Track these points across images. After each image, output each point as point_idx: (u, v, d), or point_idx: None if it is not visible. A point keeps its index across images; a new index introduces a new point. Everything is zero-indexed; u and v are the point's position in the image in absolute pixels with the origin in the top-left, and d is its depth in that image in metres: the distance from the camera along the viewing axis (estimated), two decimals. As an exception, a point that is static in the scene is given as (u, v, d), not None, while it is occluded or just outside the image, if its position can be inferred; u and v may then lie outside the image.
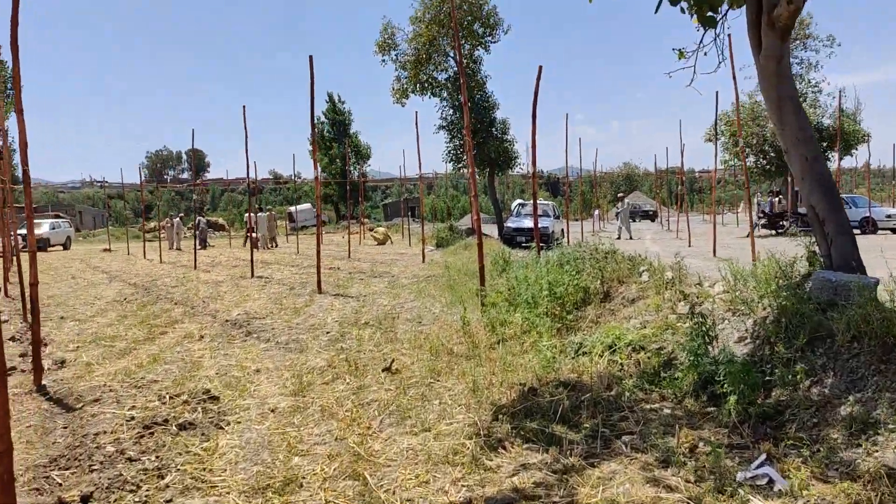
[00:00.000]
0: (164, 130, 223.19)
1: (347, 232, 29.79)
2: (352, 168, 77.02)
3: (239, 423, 5.11)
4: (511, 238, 25.56)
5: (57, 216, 63.40)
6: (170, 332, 9.58)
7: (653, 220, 62.08)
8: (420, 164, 20.20)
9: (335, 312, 10.69)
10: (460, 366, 6.34)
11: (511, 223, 26.66)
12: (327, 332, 8.87)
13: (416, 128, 19.92)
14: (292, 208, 66.13)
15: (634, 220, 62.76)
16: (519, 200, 32.09)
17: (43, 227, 46.36)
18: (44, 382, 6.55)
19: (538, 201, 31.80)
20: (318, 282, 13.50)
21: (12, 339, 9.46)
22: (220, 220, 62.17)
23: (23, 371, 7.15)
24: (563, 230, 28.07)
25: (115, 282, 18.32)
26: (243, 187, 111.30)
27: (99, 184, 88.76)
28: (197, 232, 28.48)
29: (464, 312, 7.93)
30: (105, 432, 4.87)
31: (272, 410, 5.40)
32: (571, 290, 7.05)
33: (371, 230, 44.72)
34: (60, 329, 10.34)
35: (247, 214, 44.95)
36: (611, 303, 7.07)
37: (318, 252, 13.61)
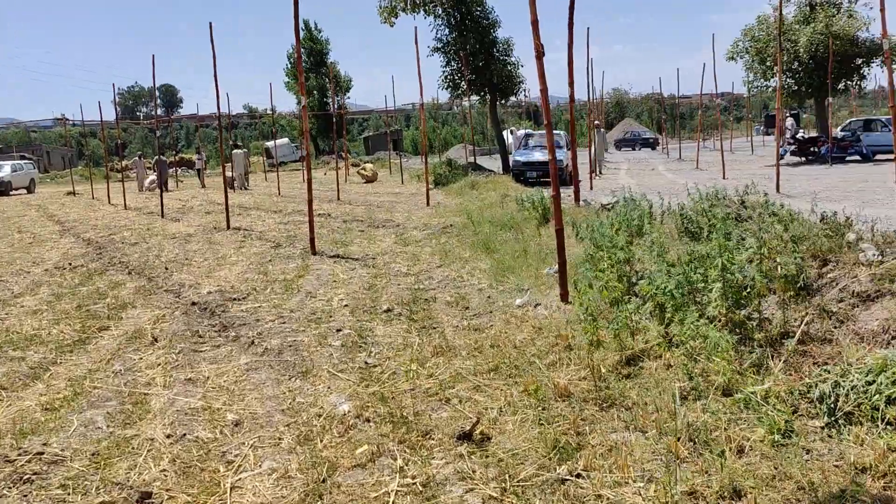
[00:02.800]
0: (135, 66, 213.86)
1: (335, 169, 26.66)
2: (329, 100, 73.16)
3: None
4: (520, 173, 22.68)
5: (23, 157, 59.55)
6: (112, 325, 6.77)
7: (653, 148, 58.99)
8: (421, 87, 17.15)
9: (341, 288, 7.89)
10: (599, 428, 3.61)
11: (519, 156, 23.69)
12: (338, 330, 6.10)
13: (416, 46, 16.75)
14: (270, 143, 62.61)
15: (634, 149, 59.72)
16: (524, 130, 28.98)
17: (4, 170, 43.02)
18: None
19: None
20: (312, 240, 10.64)
21: None
22: (193, 158, 58.18)
23: None
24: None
25: (66, 236, 15.40)
26: (217, 122, 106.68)
27: (70, 122, 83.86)
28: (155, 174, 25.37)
29: (581, 309, 4.93)
30: None
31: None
32: (759, 280, 4.31)
33: (355, 166, 41.59)
34: (-34, 318, 7.52)
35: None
36: (820, 298, 4.36)
37: (310, 203, 10.72)
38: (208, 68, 14.23)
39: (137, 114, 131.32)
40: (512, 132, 30.28)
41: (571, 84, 12.21)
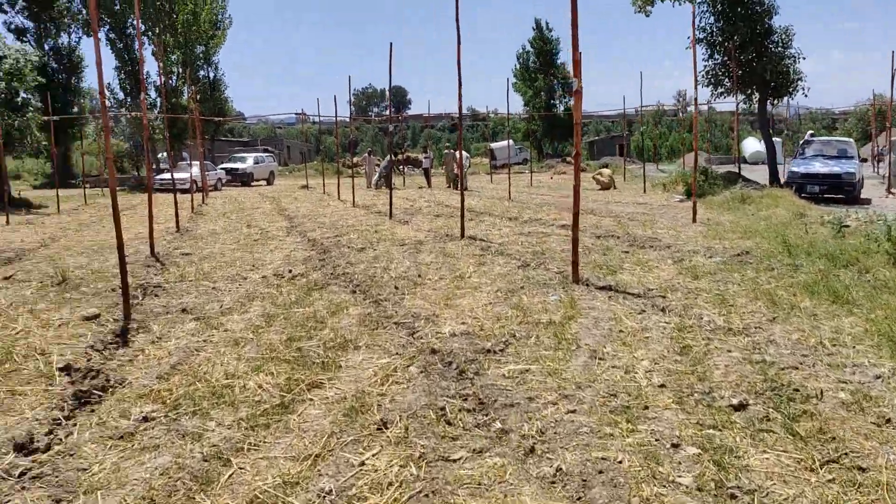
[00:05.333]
0: (369, 69, 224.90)
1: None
2: (558, 101, 71.09)
3: None
4: (799, 187, 18.92)
5: (266, 150, 63.35)
6: (326, 382, 4.84)
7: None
8: (696, 81, 14.05)
9: (639, 348, 5.43)
10: None
11: (797, 167, 19.85)
12: (674, 446, 3.65)
13: (693, 30, 13.86)
14: (494, 145, 61.76)
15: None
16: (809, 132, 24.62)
17: (247, 162, 45.50)
18: None
19: (834, 138, 24.46)
20: (575, 265, 8.28)
21: (67, 370, 5.17)
22: (421, 157, 58.35)
23: None
24: (863, 178, 20.87)
25: (293, 234, 14.37)
26: (442, 123, 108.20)
27: (308, 118, 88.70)
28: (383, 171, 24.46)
29: None
30: None
31: None
32: None
33: (580, 170, 38.87)
34: (164, 341, 6.04)
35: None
36: None
37: (576, 217, 8.33)
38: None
39: (369, 113, 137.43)
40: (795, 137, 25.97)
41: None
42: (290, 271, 9.54)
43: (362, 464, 3.54)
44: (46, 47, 48.45)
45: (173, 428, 4.04)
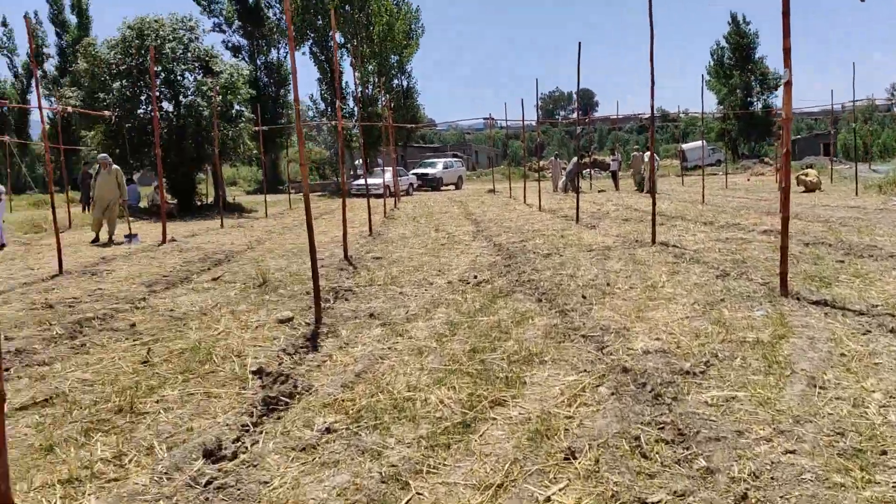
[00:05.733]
0: (556, 72, 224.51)
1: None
2: (755, 99, 66.91)
3: None
4: None
5: (455, 156, 64.87)
6: (510, 400, 4.59)
7: None
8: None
9: (868, 377, 4.68)
10: None
11: None
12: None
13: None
14: (685, 146, 59.22)
15: None
16: None
17: (437, 167, 46.82)
18: None
19: None
20: (783, 276, 7.46)
21: (259, 373, 5.30)
22: (608, 160, 56.83)
23: None
24: None
25: (479, 238, 14.35)
26: (630, 125, 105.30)
27: (496, 122, 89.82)
28: (570, 174, 24.00)
29: None
30: None
31: None
32: None
33: (778, 171, 36.10)
34: (351, 347, 6.09)
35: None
36: None
37: (786, 221, 7.48)
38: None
39: (556, 116, 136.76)
40: None
41: None
42: (476, 277, 9.43)
43: (548, 499, 3.24)
44: (258, 62, 52.62)
45: (353, 443, 3.95)
